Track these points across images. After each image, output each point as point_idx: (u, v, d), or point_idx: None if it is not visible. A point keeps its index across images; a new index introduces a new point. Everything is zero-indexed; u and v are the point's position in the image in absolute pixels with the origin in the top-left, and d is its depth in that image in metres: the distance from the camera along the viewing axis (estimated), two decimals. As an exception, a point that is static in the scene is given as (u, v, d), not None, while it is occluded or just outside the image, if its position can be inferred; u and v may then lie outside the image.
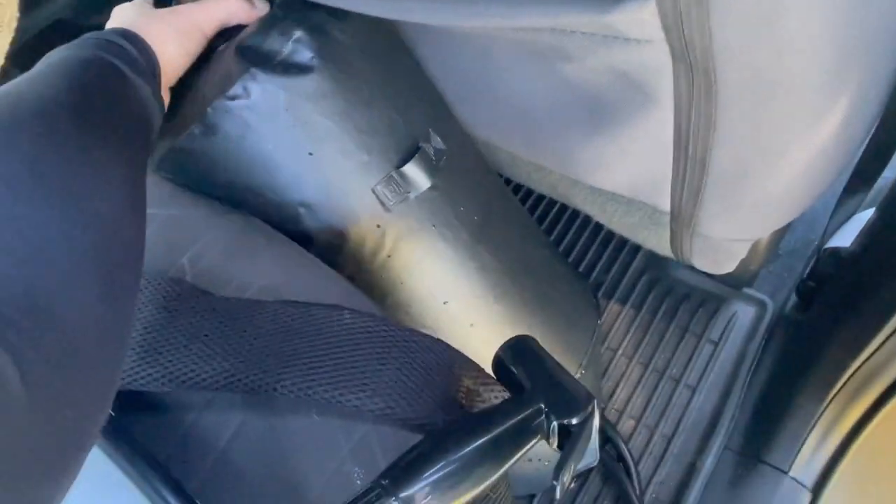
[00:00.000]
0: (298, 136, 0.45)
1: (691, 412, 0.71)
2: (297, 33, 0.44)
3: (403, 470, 0.30)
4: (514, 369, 0.36)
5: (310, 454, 0.37)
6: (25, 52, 0.64)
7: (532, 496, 0.71)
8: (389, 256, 0.49)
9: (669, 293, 0.79)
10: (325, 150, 0.46)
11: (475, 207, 0.53)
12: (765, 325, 0.73)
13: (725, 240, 0.54)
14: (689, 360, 0.74)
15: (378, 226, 0.48)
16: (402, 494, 0.30)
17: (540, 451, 0.38)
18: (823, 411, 0.61)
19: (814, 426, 0.62)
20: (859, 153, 0.51)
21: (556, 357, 0.36)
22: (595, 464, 0.35)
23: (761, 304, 0.75)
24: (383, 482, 0.29)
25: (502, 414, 0.34)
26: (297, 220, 0.48)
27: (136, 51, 0.41)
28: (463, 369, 0.40)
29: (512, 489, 0.47)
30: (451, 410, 0.38)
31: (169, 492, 0.34)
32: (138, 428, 0.38)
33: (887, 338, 0.51)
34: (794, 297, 0.74)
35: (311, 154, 0.46)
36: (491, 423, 0.34)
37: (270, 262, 0.45)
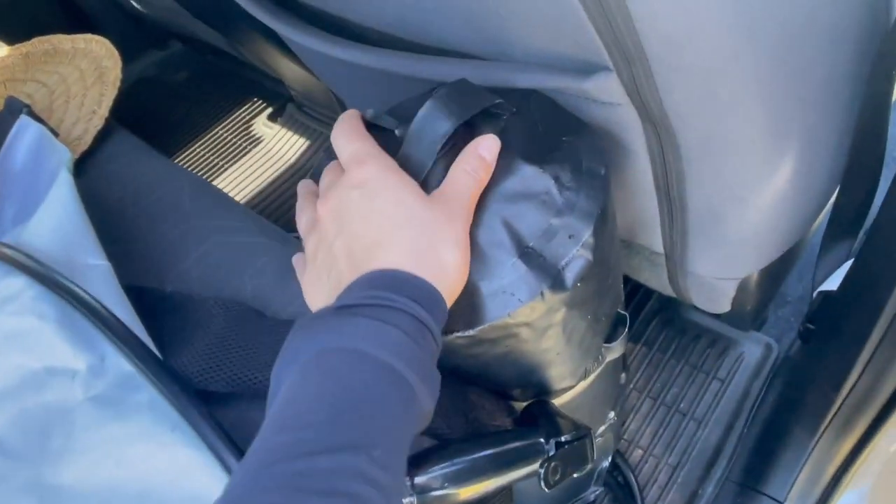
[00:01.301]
0: (557, 341, 0.43)
1: (696, 444, 0.76)
2: (586, 235, 0.38)
3: (419, 462, 0.37)
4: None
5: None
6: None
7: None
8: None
9: (682, 333, 0.85)
10: (569, 348, 0.45)
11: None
12: (769, 366, 0.78)
13: (713, 278, 0.61)
14: (697, 395, 0.79)
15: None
16: (417, 480, 0.37)
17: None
18: (816, 444, 0.66)
19: (807, 459, 0.67)
20: (830, 201, 0.58)
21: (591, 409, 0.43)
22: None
23: (767, 347, 0.80)
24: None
25: (510, 435, 0.42)
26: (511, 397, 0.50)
27: (433, 333, 0.32)
28: (479, 399, 0.47)
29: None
30: (455, 420, 0.45)
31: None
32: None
33: (860, 375, 0.56)
34: (798, 342, 0.78)
35: (557, 354, 0.45)
36: (499, 440, 0.42)
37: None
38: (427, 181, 0.38)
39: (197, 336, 0.47)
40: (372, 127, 0.41)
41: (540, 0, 0.34)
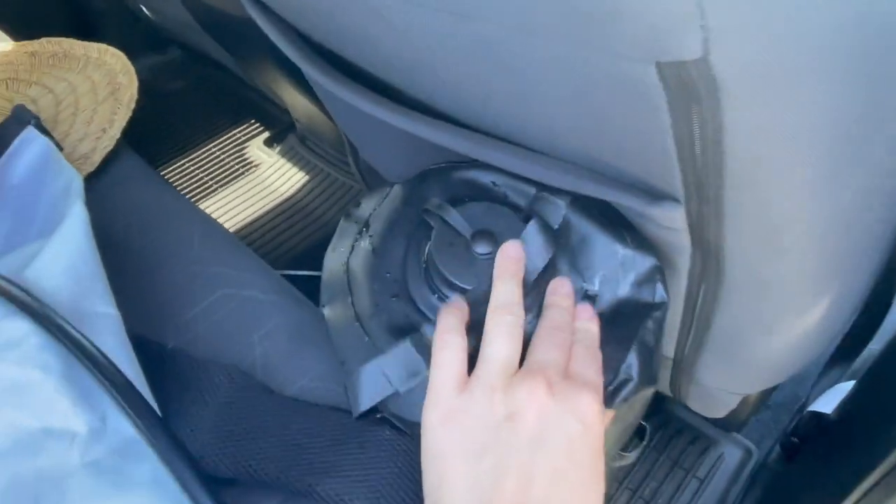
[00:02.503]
0: None
1: (672, 544, 0.76)
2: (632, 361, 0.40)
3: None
4: None
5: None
6: None
7: None
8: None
9: (664, 426, 0.85)
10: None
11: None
12: (748, 471, 0.79)
13: (719, 390, 0.61)
14: (676, 493, 0.79)
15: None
16: None
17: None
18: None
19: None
20: (843, 332, 0.59)
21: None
22: None
23: (747, 450, 0.81)
24: None
25: None
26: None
27: None
28: None
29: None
30: None
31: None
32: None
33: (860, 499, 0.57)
34: (777, 449, 0.79)
35: None
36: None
37: (329, 353, 0.52)
38: None
39: (199, 408, 0.45)
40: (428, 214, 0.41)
41: (636, 138, 0.34)
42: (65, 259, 0.47)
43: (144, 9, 1.23)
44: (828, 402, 0.68)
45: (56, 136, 0.70)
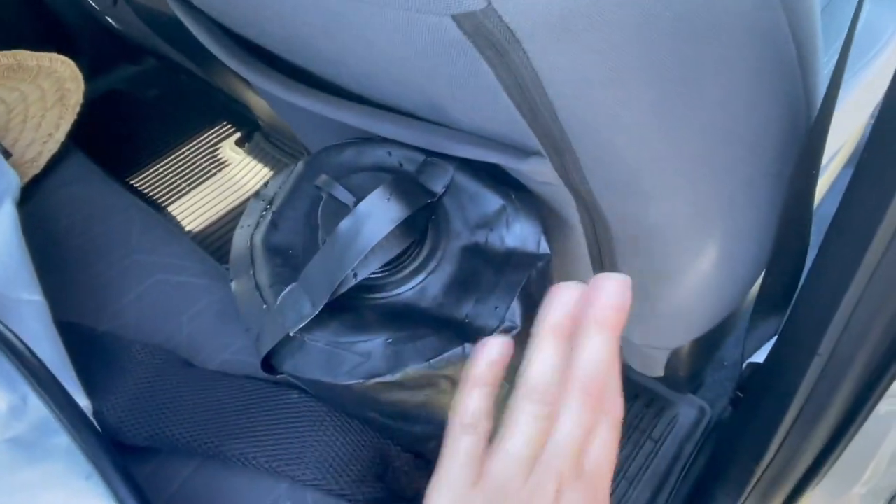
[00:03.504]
0: None
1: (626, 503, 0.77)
2: (511, 305, 0.42)
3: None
4: None
5: (251, 489, 0.45)
6: (78, 118, 0.76)
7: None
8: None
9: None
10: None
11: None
12: (702, 429, 0.80)
13: (646, 346, 0.62)
14: (631, 454, 0.81)
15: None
16: None
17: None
18: (738, 512, 0.68)
19: (729, 526, 0.68)
20: (756, 283, 0.60)
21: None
22: None
23: (701, 410, 0.82)
24: None
25: None
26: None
27: None
28: (395, 453, 0.48)
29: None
30: (373, 486, 0.45)
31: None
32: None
33: (778, 449, 0.58)
34: (729, 406, 0.81)
35: None
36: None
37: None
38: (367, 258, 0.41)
39: (119, 383, 0.47)
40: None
41: (479, 96, 0.36)
42: (-10, 252, 0.50)
43: (111, 20, 1.26)
44: (763, 353, 0.69)
45: (6, 143, 0.73)
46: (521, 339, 0.42)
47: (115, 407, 0.47)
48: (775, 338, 0.66)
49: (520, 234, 0.45)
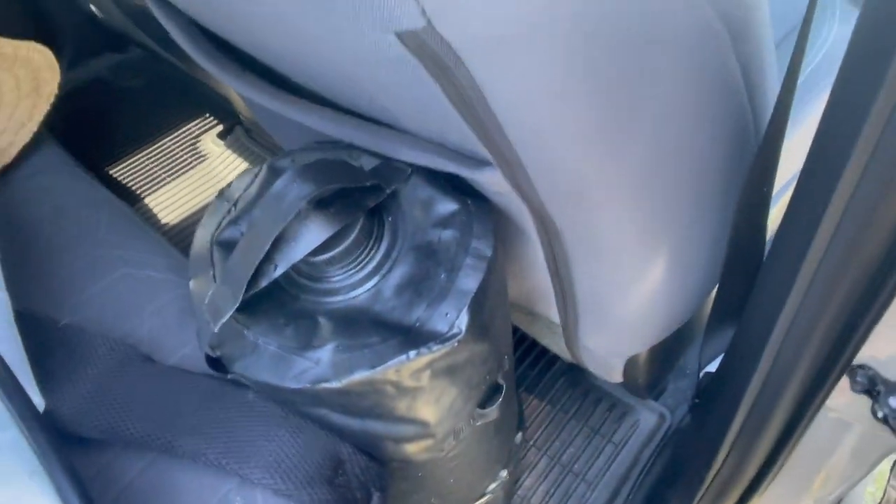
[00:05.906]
0: (423, 402, 0.46)
1: (584, 506, 0.79)
2: (460, 312, 0.43)
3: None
4: None
5: (200, 486, 0.46)
6: (60, 106, 0.76)
7: None
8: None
9: (586, 396, 0.88)
10: (437, 410, 0.47)
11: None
12: (661, 435, 0.82)
13: (603, 353, 0.64)
14: (592, 457, 0.82)
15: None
16: None
17: None
18: (689, 517, 0.69)
19: (681, 531, 0.70)
20: (711, 293, 0.62)
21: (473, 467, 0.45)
22: None
23: (661, 416, 0.84)
24: None
25: None
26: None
27: None
28: (348, 454, 0.48)
29: None
30: (321, 488, 0.45)
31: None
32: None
33: (726, 457, 0.60)
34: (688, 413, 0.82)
35: (423, 413, 0.47)
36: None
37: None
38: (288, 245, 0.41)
39: (77, 376, 0.48)
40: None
41: (429, 108, 0.37)
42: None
43: (94, 8, 1.26)
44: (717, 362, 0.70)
45: (-22, 132, 0.73)
46: (465, 344, 0.43)
47: (72, 399, 0.47)
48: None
49: (474, 238, 0.46)
